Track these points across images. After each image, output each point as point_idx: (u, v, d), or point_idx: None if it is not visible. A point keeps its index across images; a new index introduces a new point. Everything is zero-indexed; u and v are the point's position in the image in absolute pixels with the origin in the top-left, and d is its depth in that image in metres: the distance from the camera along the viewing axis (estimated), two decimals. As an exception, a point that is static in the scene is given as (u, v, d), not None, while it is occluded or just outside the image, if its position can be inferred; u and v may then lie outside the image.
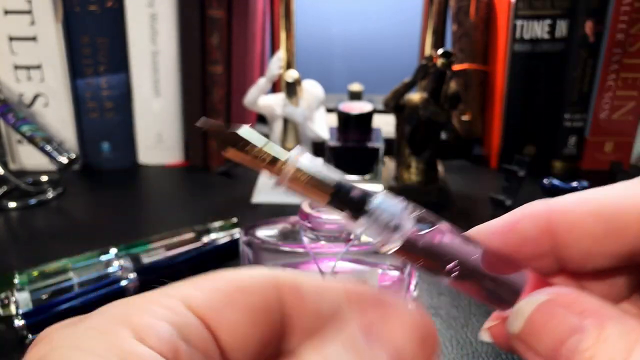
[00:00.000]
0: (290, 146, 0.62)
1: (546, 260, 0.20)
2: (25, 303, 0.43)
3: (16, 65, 0.67)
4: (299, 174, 0.17)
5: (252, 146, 0.17)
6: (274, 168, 0.17)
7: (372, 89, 0.81)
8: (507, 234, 0.20)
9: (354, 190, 0.18)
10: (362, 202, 0.17)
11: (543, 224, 0.19)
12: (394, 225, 0.17)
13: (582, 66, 0.68)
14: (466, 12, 0.70)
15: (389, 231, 0.18)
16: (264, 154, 0.17)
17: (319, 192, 0.17)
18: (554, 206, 0.19)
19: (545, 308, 0.17)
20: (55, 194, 0.65)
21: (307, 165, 0.17)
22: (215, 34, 0.67)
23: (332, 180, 0.18)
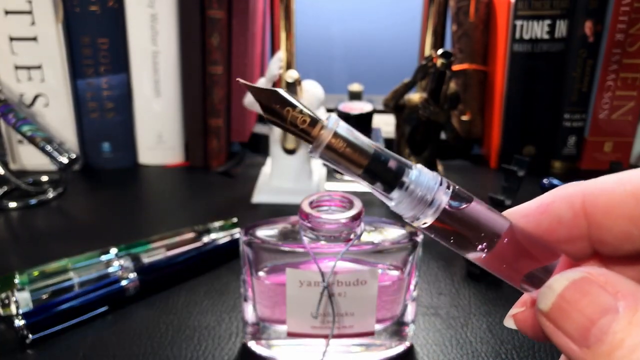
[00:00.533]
0: (291, 146, 0.62)
1: (579, 243, 0.19)
2: (26, 303, 0.43)
3: (17, 66, 0.67)
4: (336, 139, 0.16)
5: (293, 106, 0.17)
6: (311, 132, 0.16)
7: (372, 89, 0.81)
8: (541, 216, 0.19)
9: (391, 161, 0.17)
10: (398, 174, 0.17)
11: (578, 205, 0.19)
12: (429, 200, 0.17)
13: (581, 66, 0.68)
14: (466, 13, 0.70)
15: (422, 205, 0.17)
16: (304, 116, 0.17)
17: (355, 160, 0.17)
18: (590, 188, 0.19)
19: (578, 285, 0.16)
20: (55, 194, 0.65)
21: (346, 131, 0.16)
22: (215, 34, 0.67)
23: (370, 148, 0.17)
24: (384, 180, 0.17)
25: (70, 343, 0.42)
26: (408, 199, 0.17)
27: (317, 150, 0.16)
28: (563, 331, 0.16)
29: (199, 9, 0.67)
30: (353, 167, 0.17)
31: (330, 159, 0.17)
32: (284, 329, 0.39)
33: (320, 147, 0.16)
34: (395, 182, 0.17)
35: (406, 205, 0.17)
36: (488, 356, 0.41)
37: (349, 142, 0.16)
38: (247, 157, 0.75)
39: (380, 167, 0.17)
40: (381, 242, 0.37)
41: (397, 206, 0.17)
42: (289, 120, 0.17)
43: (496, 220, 0.18)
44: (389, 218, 0.40)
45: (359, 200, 0.38)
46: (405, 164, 0.17)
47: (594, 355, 0.16)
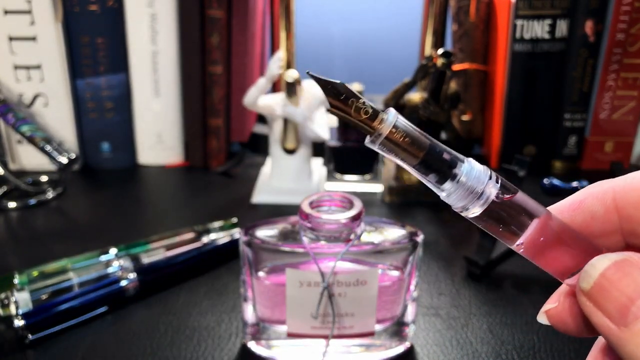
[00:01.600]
0: (291, 146, 0.62)
1: (613, 237, 0.20)
2: (25, 303, 0.43)
3: (16, 65, 0.67)
4: (396, 131, 0.17)
5: (355, 98, 0.18)
6: (372, 124, 0.18)
7: (372, 89, 0.81)
8: (574, 212, 0.20)
9: (445, 154, 0.18)
10: (451, 166, 0.18)
11: (609, 200, 0.20)
12: (478, 192, 0.18)
13: (582, 66, 0.68)
14: (466, 12, 0.70)
15: (472, 197, 0.18)
16: (366, 107, 0.18)
17: (412, 151, 0.18)
18: (620, 184, 0.20)
19: (620, 265, 0.17)
20: (55, 194, 0.65)
21: (404, 124, 0.18)
22: (215, 34, 0.67)
23: (426, 141, 0.18)
24: (438, 171, 0.18)
25: (70, 343, 0.42)
26: (459, 190, 0.18)
27: (377, 140, 0.18)
28: (602, 310, 0.17)
29: (198, 8, 0.67)
30: (410, 158, 0.18)
31: (389, 150, 0.18)
32: (283, 330, 0.39)
33: (380, 138, 0.18)
34: (448, 174, 0.18)
35: (457, 197, 0.18)
36: (488, 357, 0.41)
37: (407, 134, 0.18)
38: (247, 157, 0.75)
39: (434, 159, 0.18)
40: (381, 242, 0.37)
41: (449, 197, 0.18)
42: (352, 112, 0.18)
43: (538, 210, 0.19)
44: (389, 218, 0.40)
45: (359, 201, 0.37)
46: (457, 157, 0.18)
47: (632, 333, 0.16)
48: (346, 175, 0.67)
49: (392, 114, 0.17)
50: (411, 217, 0.61)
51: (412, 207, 0.63)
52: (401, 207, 0.63)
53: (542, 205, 0.19)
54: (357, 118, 0.18)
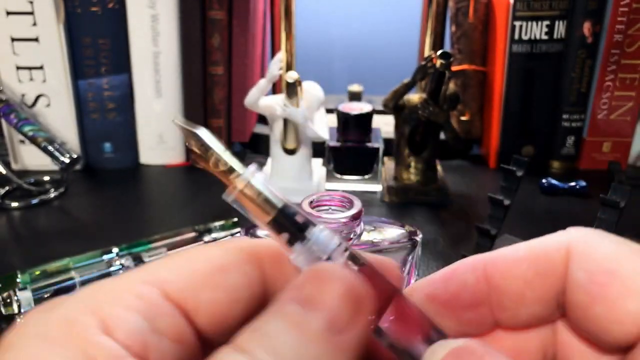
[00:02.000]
0: (291, 147, 0.63)
1: (482, 309, 0.20)
2: (28, 302, 0.44)
3: (18, 66, 0.67)
4: (249, 188, 0.18)
5: (215, 150, 0.18)
6: (228, 177, 0.18)
7: (371, 90, 0.81)
8: (447, 282, 0.20)
9: (297, 216, 0.18)
10: (302, 229, 0.18)
11: (480, 270, 0.20)
12: (324, 258, 0.18)
13: (580, 67, 0.68)
14: (465, 13, 0.71)
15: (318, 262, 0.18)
16: (224, 160, 0.18)
17: (264, 210, 0.18)
18: (492, 254, 0.20)
19: (457, 353, 0.17)
20: (57, 193, 0.65)
21: (259, 182, 0.18)
22: (216, 35, 0.68)
23: (279, 201, 0.18)
24: (289, 232, 0.18)
25: (72, 342, 0.42)
26: (306, 253, 0.18)
27: (229, 195, 0.18)
28: None
29: (199, 9, 0.67)
30: (262, 215, 0.18)
31: (242, 205, 0.18)
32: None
33: (234, 193, 0.18)
34: (298, 236, 0.18)
35: (304, 260, 0.18)
36: (487, 355, 0.41)
37: (261, 193, 0.18)
38: (248, 157, 0.76)
39: (286, 219, 0.18)
40: (380, 241, 0.38)
41: (297, 259, 0.18)
42: (211, 163, 0.18)
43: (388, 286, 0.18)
44: (388, 218, 0.41)
45: (358, 200, 0.38)
46: (311, 221, 0.18)
47: None
48: (346, 175, 0.67)
49: (249, 171, 0.18)
50: (410, 216, 0.61)
51: (411, 207, 0.63)
52: (400, 207, 0.64)
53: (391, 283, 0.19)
54: (215, 170, 0.18)
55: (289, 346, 0.15)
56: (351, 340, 0.15)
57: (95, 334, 0.14)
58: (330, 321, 0.15)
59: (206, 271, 0.17)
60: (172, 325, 0.16)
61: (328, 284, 0.16)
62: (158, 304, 0.16)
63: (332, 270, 0.16)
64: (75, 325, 0.15)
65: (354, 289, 0.16)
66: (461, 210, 0.62)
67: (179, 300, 0.16)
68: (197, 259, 0.17)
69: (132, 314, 0.15)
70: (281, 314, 0.15)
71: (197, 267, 0.17)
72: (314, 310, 0.15)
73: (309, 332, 0.15)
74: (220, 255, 0.17)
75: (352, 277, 0.16)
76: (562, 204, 0.64)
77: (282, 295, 0.16)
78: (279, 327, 0.15)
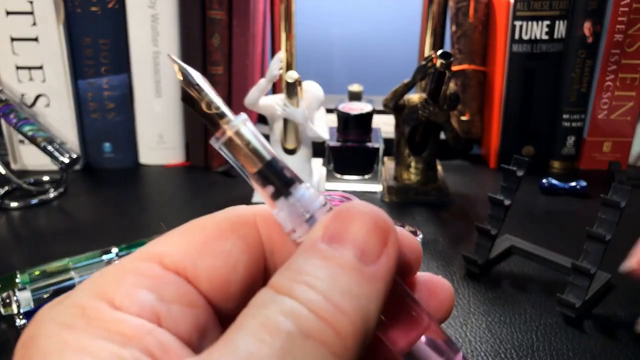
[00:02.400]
0: (291, 146, 0.63)
1: None
2: (27, 302, 0.44)
3: (18, 66, 0.67)
4: (239, 136, 0.17)
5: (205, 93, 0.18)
6: (218, 121, 0.17)
7: (371, 90, 0.81)
8: None
9: (285, 171, 0.18)
10: (287, 184, 0.18)
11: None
12: (308, 217, 0.17)
13: (580, 67, 0.68)
14: (465, 13, 0.71)
15: (301, 221, 0.17)
16: (217, 104, 0.18)
17: (252, 160, 0.17)
18: None
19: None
20: (56, 193, 0.65)
21: (249, 131, 0.17)
22: (216, 35, 0.68)
23: (268, 154, 0.18)
24: (274, 185, 0.18)
25: (72, 342, 0.42)
26: (289, 209, 0.18)
27: (220, 139, 0.17)
28: None
29: (199, 9, 0.67)
30: (249, 165, 0.18)
31: (230, 152, 0.18)
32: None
33: (224, 138, 0.17)
34: (283, 190, 0.18)
35: (286, 216, 0.18)
36: (487, 355, 0.41)
37: (250, 142, 0.17)
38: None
39: (273, 172, 0.18)
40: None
41: (278, 214, 0.18)
42: (203, 104, 0.18)
43: None
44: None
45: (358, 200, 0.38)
46: (297, 178, 0.18)
47: None
48: (346, 175, 0.67)
49: (240, 118, 0.17)
50: (410, 216, 0.61)
51: (411, 206, 0.63)
52: (400, 206, 0.63)
53: None
54: (206, 111, 0.17)
55: (324, 280, 0.15)
56: (382, 270, 0.16)
57: (109, 313, 0.15)
58: (361, 253, 0.16)
59: (201, 240, 0.17)
60: (179, 291, 0.17)
61: (354, 220, 0.16)
62: (160, 275, 0.16)
63: (357, 206, 0.17)
64: (87, 309, 0.15)
65: (379, 221, 0.16)
66: (461, 210, 0.62)
67: (178, 269, 0.17)
68: (191, 231, 0.18)
69: (138, 290, 0.16)
70: (312, 252, 0.16)
71: (191, 238, 0.17)
72: (343, 245, 0.16)
73: (341, 265, 0.15)
74: (213, 223, 0.18)
75: (377, 211, 0.17)
76: (562, 204, 0.64)
77: (309, 236, 0.16)
78: (313, 264, 0.15)
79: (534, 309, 0.46)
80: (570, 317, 0.45)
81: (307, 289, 0.15)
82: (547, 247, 0.53)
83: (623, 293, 0.48)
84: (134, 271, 0.16)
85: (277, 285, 0.15)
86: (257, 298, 0.15)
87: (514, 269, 0.52)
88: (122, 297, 0.16)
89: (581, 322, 0.45)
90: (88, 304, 0.15)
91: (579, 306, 0.44)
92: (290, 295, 0.15)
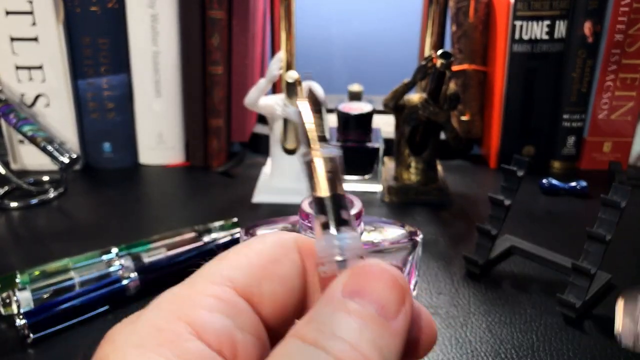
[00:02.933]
0: (291, 147, 0.63)
1: None
2: (27, 302, 0.44)
3: (17, 66, 0.67)
4: (327, 162, 0.18)
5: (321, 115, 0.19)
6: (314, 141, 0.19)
7: (371, 90, 0.81)
8: None
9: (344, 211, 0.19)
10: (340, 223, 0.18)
11: None
12: (340, 260, 0.18)
13: (580, 66, 0.68)
14: (465, 13, 0.71)
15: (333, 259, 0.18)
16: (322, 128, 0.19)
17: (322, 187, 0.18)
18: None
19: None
20: (56, 193, 0.65)
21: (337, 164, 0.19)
22: (215, 34, 0.68)
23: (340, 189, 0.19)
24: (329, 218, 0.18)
25: (71, 342, 0.42)
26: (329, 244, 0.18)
27: (308, 157, 0.19)
28: None
29: (199, 9, 0.67)
30: (317, 189, 0.19)
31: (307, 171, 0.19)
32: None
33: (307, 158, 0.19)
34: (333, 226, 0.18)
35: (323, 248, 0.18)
36: (487, 355, 0.41)
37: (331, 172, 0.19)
38: (248, 157, 0.76)
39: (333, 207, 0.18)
40: (381, 241, 0.38)
41: (318, 243, 0.18)
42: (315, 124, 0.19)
43: None
44: (389, 218, 0.41)
45: (358, 200, 0.38)
46: (353, 225, 0.19)
47: None
48: (346, 175, 0.67)
49: (335, 150, 0.19)
50: (410, 216, 0.61)
51: (411, 207, 0.63)
52: (400, 207, 0.63)
53: None
54: (311, 131, 0.19)
55: (350, 331, 0.16)
56: (401, 325, 0.17)
57: (188, 340, 0.15)
58: (382, 308, 0.16)
59: (261, 265, 0.18)
60: (250, 320, 0.17)
61: (375, 277, 0.17)
62: (235, 301, 0.17)
63: (378, 265, 0.17)
64: (165, 332, 0.15)
65: (398, 280, 0.17)
66: (461, 210, 0.62)
67: (246, 295, 0.17)
68: (249, 253, 0.18)
69: (216, 315, 0.16)
70: (336, 304, 0.16)
71: (253, 263, 0.18)
72: (366, 300, 0.16)
73: (366, 317, 0.16)
74: (268, 248, 0.18)
75: (396, 271, 0.17)
76: (562, 204, 0.64)
77: (331, 288, 0.17)
78: (338, 315, 0.16)
79: (534, 309, 0.46)
80: (571, 317, 0.45)
81: (335, 339, 0.15)
82: (547, 247, 0.53)
83: (623, 293, 0.48)
84: (210, 294, 0.17)
85: (304, 336, 0.16)
86: (284, 348, 0.15)
87: (514, 269, 0.52)
88: (201, 321, 0.16)
89: (581, 322, 0.45)
90: (165, 326, 0.15)
91: (579, 306, 0.44)
92: (317, 345, 0.15)
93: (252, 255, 0.18)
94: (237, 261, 0.18)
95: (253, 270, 0.18)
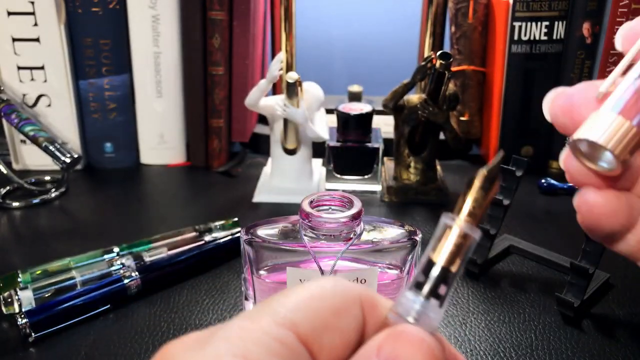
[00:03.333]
0: (291, 147, 0.63)
1: None
2: (29, 301, 0.44)
3: (19, 66, 0.68)
4: (461, 237, 0.19)
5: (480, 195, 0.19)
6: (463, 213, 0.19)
7: (371, 90, 0.81)
8: None
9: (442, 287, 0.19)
10: (432, 294, 0.18)
11: None
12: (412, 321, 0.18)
13: (579, 67, 0.68)
14: (464, 14, 0.71)
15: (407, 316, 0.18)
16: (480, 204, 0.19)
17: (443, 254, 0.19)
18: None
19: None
20: (58, 193, 0.65)
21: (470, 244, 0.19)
22: (216, 35, 0.68)
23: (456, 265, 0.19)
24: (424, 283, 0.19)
25: (73, 341, 0.42)
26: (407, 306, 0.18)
27: (448, 221, 0.19)
28: None
29: (200, 10, 0.67)
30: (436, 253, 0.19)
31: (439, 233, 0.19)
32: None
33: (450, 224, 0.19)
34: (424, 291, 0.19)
35: (401, 307, 0.19)
36: (486, 354, 0.41)
37: (458, 246, 0.19)
38: (248, 157, 0.76)
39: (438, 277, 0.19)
40: (380, 241, 0.38)
41: (399, 300, 0.19)
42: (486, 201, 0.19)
43: None
44: (388, 217, 0.41)
45: (358, 200, 0.38)
46: (444, 301, 0.19)
47: None
48: (346, 175, 0.67)
49: (476, 230, 0.19)
50: (410, 216, 0.61)
51: (411, 206, 0.64)
52: (400, 206, 0.64)
53: None
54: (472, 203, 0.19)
55: None
56: None
57: None
58: None
59: (323, 314, 0.17)
60: None
61: (414, 346, 0.17)
62: (296, 348, 0.17)
63: (417, 332, 0.17)
64: None
65: (435, 353, 0.17)
66: (461, 210, 0.63)
67: (307, 343, 0.17)
68: (313, 299, 0.18)
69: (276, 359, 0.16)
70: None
71: (317, 309, 0.17)
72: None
73: None
74: (332, 296, 0.18)
75: (433, 341, 0.17)
76: (561, 204, 0.64)
77: (368, 348, 0.17)
78: None
79: (533, 309, 0.46)
80: (569, 316, 0.45)
81: None
82: (545, 246, 0.53)
83: (621, 292, 0.48)
84: (274, 336, 0.16)
85: None
86: None
87: (513, 268, 0.52)
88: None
89: (580, 321, 0.45)
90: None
91: (577, 305, 0.44)
92: None
93: (316, 301, 0.18)
94: (303, 305, 0.17)
95: (317, 319, 0.17)
